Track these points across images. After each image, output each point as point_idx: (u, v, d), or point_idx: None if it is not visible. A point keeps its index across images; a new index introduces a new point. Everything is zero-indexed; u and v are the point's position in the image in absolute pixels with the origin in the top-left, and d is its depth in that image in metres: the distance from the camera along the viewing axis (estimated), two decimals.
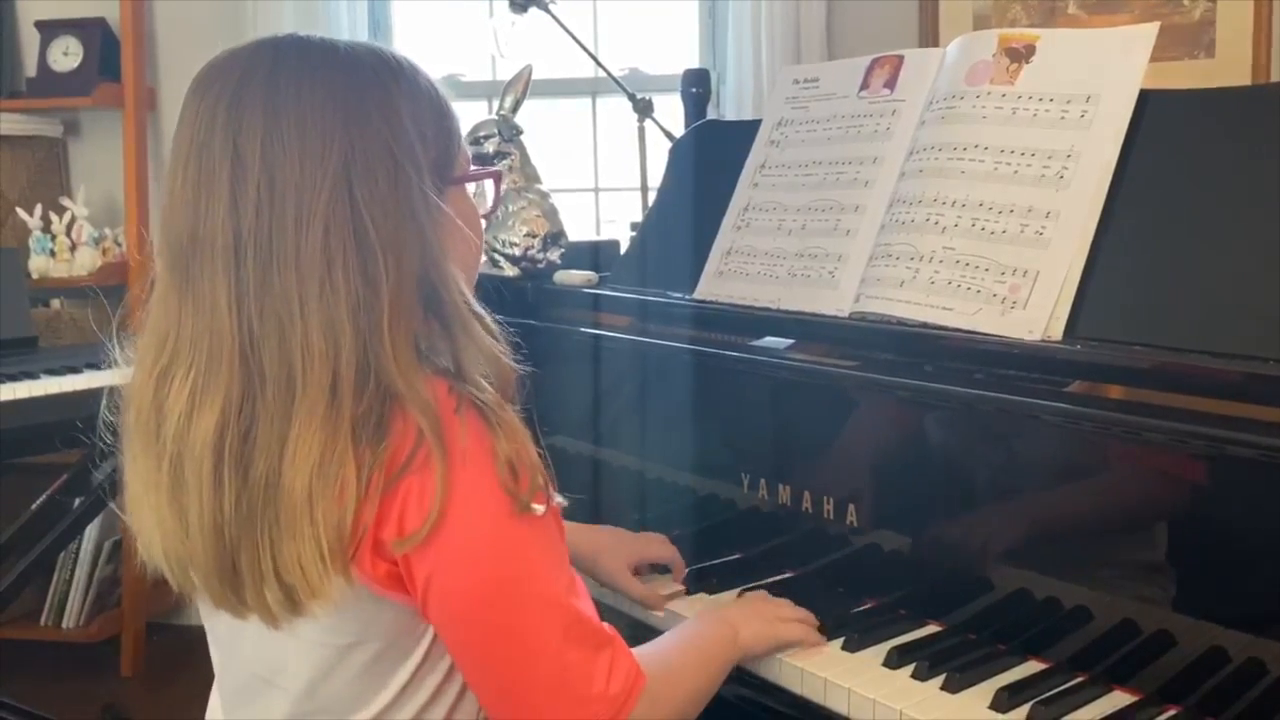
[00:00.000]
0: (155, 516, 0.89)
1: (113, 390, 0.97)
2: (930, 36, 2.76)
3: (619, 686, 0.89)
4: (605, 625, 0.92)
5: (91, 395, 1.29)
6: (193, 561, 0.88)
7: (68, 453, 2.28)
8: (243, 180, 0.84)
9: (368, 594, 0.86)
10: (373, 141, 0.85)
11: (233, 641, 0.96)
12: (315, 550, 0.82)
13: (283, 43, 0.89)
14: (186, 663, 1.11)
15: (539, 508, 0.87)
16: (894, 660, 1.14)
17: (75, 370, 2.23)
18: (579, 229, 2.19)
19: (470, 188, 0.99)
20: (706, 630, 1.12)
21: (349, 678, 0.90)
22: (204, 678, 1.04)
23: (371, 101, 0.86)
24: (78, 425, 1.25)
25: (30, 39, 3.03)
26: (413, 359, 0.85)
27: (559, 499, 0.91)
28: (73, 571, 2.94)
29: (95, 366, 2.20)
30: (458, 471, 0.83)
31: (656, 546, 1.37)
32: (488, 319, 0.91)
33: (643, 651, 1.01)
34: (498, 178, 1.09)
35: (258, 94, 0.85)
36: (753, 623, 1.15)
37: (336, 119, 0.84)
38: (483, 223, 1.01)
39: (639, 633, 1.27)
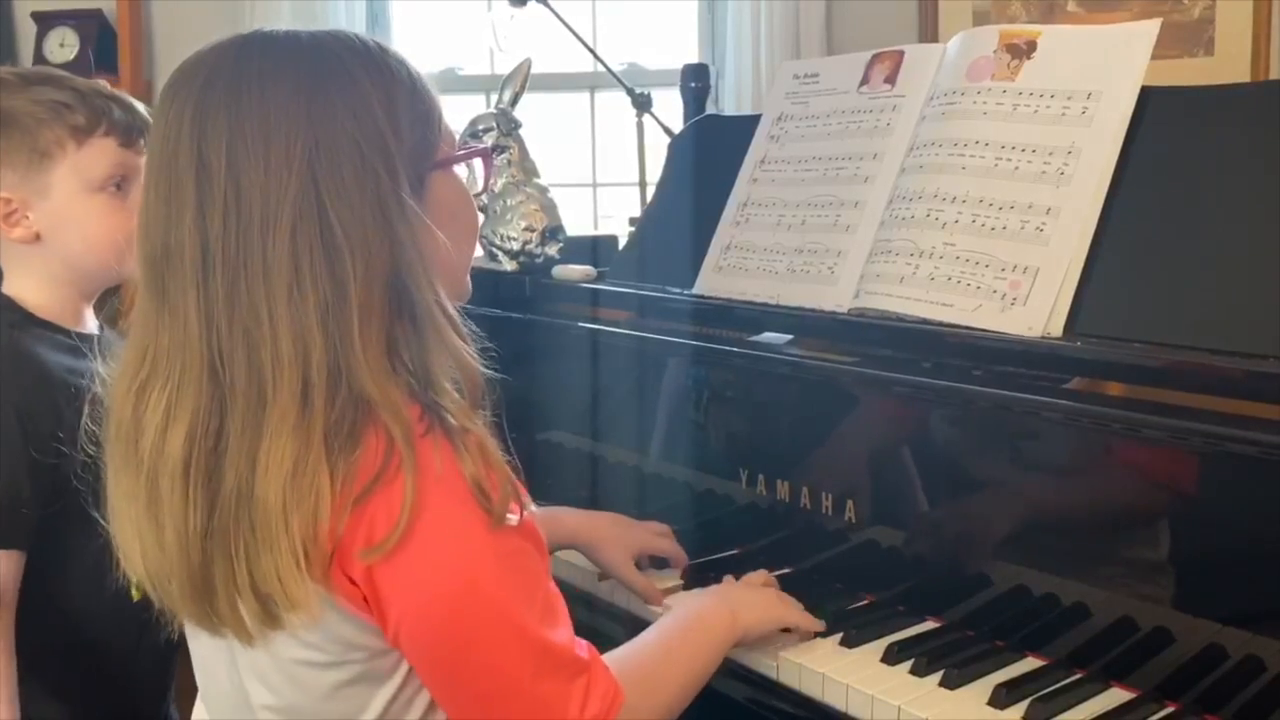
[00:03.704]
0: (135, 529, 0.88)
1: (95, 400, 0.96)
2: (930, 32, 2.76)
3: (594, 710, 0.88)
4: (581, 646, 0.91)
5: None
6: (170, 575, 0.87)
7: None
8: (209, 189, 0.82)
9: (344, 614, 0.85)
10: (338, 136, 0.83)
11: (213, 656, 0.96)
12: (292, 560, 0.81)
13: (247, 41, 0.87)
14: (184, 661, 1.11)
15: (513, 517, 0.85)
16: (892, 656, 1.14)
17: None
18: (577, 224, 2.19)
19: (461, 170, 0.98)
20: (700, 615, 1.11)
21: (326, 697, 0.89)
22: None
23: (336, 93, 0.84)
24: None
25: (27, 30, 3.03)
26: (384, 363, 0.83)
27: (533, 506, 0.90)
28: None
29: None
30: (429, 491, 0.82)
31: (659, 539, 1.37)
32: (459, 322, 0.89)
33: (625, 656, 1.00)
34: (486, 155, 1.06)
35: (221, 98, 0.83)
36: (754, 602, 1.15)
37: (300, 115, 0.82)
38: (476, 202, 1.00)
39: (635, 628, 1.27)
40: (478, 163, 1.05)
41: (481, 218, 1.74)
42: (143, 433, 0.85)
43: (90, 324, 1.32)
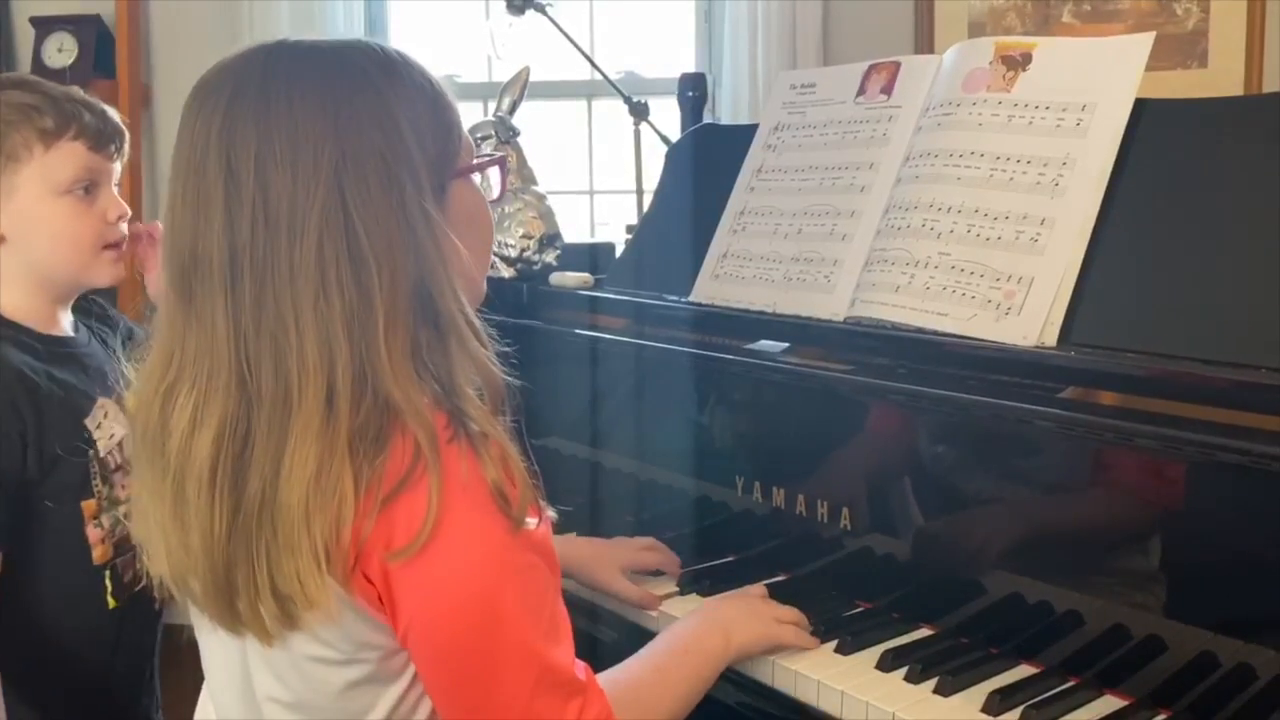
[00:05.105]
0: (160, 530, 0.89)
1: (105, 381, 0.97)
2: (926, 40, 2.77)
3: None
4: (579, 668, 0.92)
5: None
6: (194, 575, 0.88)
7: None
8: (237, 197, 0.83)
9: (360, 613, 0.86)
10: (365, 147, 0.84)
11: (223, 648, 0.96)
12: (313, 563, 0.82)
13: (273, 51, 0.88)
14: (184, 661, 1.11)
15: (533, 521, 0.87)
16: (887, 663, 1.14)
17: None
18: (573, 231, 2.20)
19: (476, 178, 0.99)
20: (694, 637, 1.12)
21: (337, 694, 0.90)
22: (200, 675, 1.04)
23: (363, 104, 0.85)
24: None
25: (25, 35, 3.03)
26: (409, 370, 0.85)
27: (551, 512, 0.91)
28: None
29: None
30: (454, 496, 0.83)
31: (645, 553, 1.38)
32: (480, 329, 0.90)
33: (619, 678, 1.00)
34: (503, 164, 1.08)
35: (249, 108, 0.84)
36: (749, 623, 1.16)
37: (328, 126, 0.84)
38: (490, 214, 1.01)
39: (635, 635, 1.27)
40: (492, 170, 1.07)
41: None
42: (169, 435, 0.86)
43: (65, 327, 1.32)
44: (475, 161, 0.97)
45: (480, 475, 0.84)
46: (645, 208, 1.89)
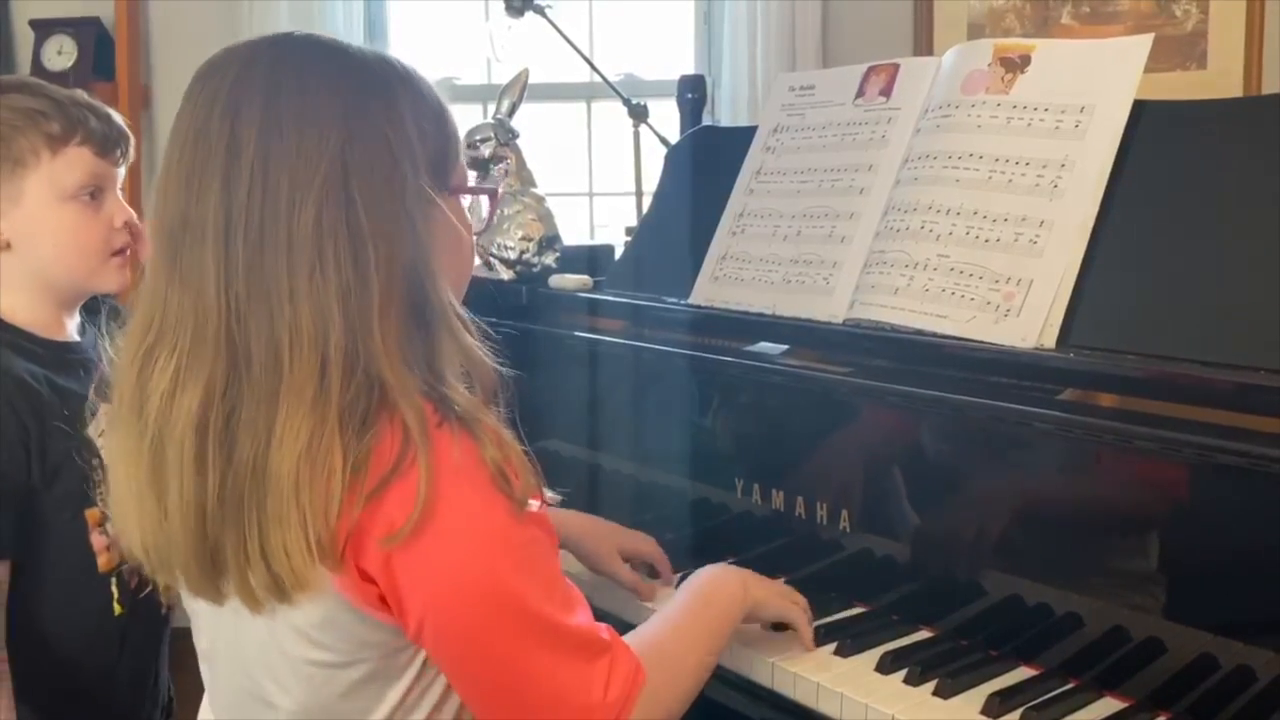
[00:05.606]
0: (135, 498, 0.88)
1: (101, 379, 0.96)
2: (925, 41, 2.77)
3: (617, 691, 0.89)
4: (602, 628, 0.92)
5: None
6: (171, 545, 0.87)
7: None
8: (237, 163, 0.84)
9: (359, 613, 0.86)
10: (371, 134, 0.85)
11: (221, 657, 0.96)
12: (302, 538, 0.81)
13: (287, 38, 0.90)
14: (186, 663, 1.11)
15: (535, 503, 0.87)
16: (886, 665, 1.14)
17: None
18: (573, 234, 2.20)
19: (465, 203, 0.99)
20: (713, 589, 1.11)
21: (340, 696, 0.89)
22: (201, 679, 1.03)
23: (373, 98, 0.87)
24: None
25: (25, 38, 3.03)
26: (400, 353, 0.85)
27: (551, 494, 0.91)
28: None
29: None
30: (446, 480, 0.82)
31: (640, 541, 1.37)
32: (469, 322, 0.91)
33: (643, 639, 1.00)
34: (494, 195, 1.09)
35: (258, 83, 0.85)
36: (763, 583, 1.16)
37: (336, 111, 0.85)
38: (473, 239, 1.01)
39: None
40: (482, 199, 1.08)
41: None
42: (148, 398, 0.86)
43: (71, 332, 1.32)
44: (471, 185, 0.99)
45: (478, 457, 0.84)
46: (644, 210, 1.89)
